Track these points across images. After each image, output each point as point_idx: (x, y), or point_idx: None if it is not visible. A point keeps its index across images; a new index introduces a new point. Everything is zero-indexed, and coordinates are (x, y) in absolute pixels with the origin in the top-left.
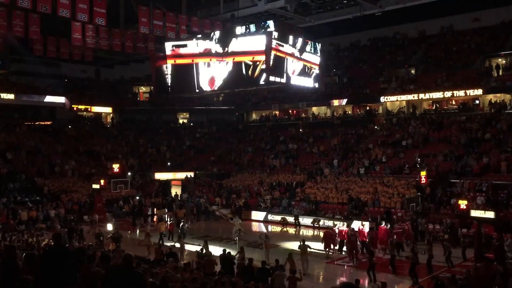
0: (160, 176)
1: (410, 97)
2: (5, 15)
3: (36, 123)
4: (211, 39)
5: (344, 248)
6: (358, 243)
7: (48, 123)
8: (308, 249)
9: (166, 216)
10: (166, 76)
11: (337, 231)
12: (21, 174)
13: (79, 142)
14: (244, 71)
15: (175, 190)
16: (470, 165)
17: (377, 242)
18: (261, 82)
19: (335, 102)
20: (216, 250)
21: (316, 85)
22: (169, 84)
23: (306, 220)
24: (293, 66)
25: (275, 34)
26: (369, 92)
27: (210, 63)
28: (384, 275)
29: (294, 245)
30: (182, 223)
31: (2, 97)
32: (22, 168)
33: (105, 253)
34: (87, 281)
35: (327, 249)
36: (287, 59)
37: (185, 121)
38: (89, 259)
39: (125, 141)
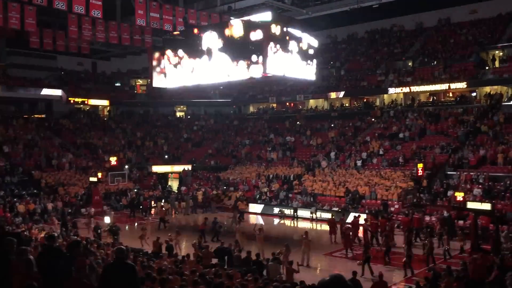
0: (157, 169)
1: (407, 89)
2: (1, 8)
3: (32, 116)
4: None
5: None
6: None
7: (45, 116)
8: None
9: (164, 208)
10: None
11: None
12: (18, 167)
13: (76, 135)
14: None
15: (170, 183)
16: (466, 157)
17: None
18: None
19: (333, 95)
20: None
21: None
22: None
23: (303, 213)
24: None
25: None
26: (367, 85)
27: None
28: (381, 267)
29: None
30: (214, 220)
31: None
32: (19, 162)
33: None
34: (83, 273)
35: (332, 235)
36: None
37: (183, 114)
38: (84, 251)
39: (122, 134)
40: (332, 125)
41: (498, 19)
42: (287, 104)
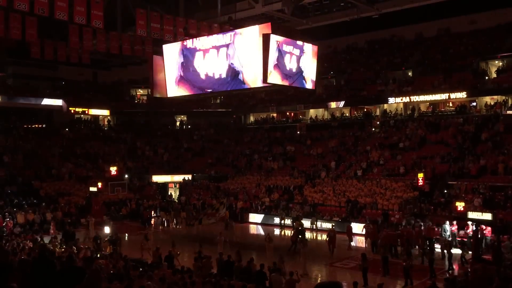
0: (157, 178)
1: (407, 99)
2: (2, 18)
3: (33, 126)
4: None
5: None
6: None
7: (45, 126)
8: None
9: (162, 218)
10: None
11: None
12: (18, 177)
13: (76, 145)
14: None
15: (171, 192)
16: (467, 167)
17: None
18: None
19: (333, 104)
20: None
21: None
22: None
23: (304, 223)
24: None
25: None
26: (367, 94)
27: None
28: (379, 277)
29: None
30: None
31: None
32: (19, 171)
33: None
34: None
35: (350, 242)
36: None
37: (180, 122)
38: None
39: (123, 144)
40: (333, 134)
41: (497, 29)
42: (288, 113)
